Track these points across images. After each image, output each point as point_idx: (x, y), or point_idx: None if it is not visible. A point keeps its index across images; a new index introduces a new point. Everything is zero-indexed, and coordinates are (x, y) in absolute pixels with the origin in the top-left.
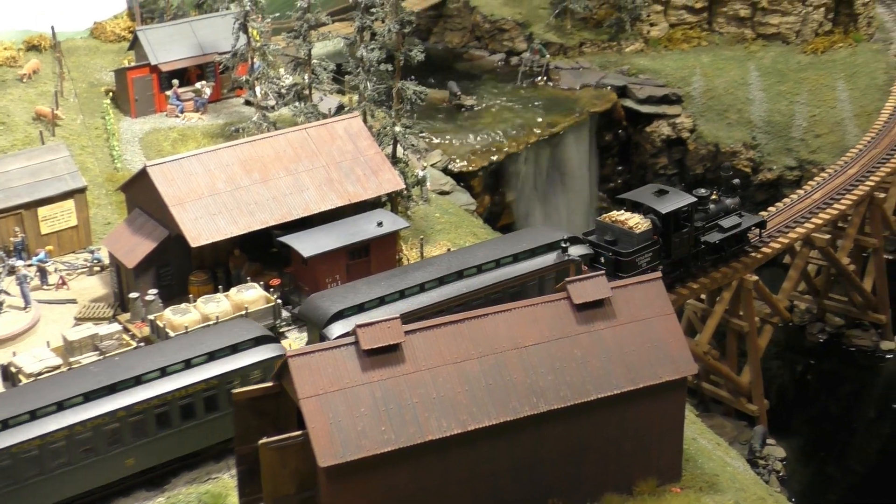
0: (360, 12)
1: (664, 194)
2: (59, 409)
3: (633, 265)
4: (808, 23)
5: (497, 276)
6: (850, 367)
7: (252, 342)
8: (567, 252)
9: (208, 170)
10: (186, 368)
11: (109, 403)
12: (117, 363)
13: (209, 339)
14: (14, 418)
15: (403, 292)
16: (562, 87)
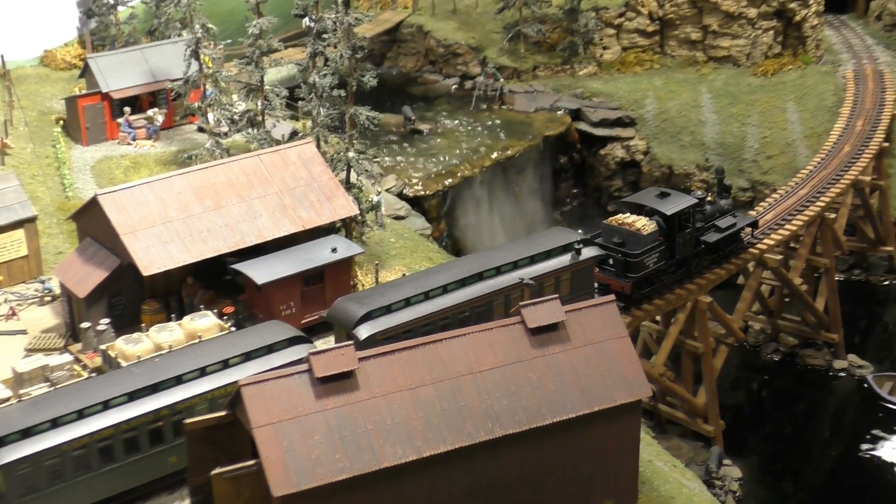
0: (313, 38)
1: (666, 196)
2: (105, 408)
3: (642, 266)
4: (757, 46)
5: (515, 278)
6: (804, 386)
7: (286, 342)
8: (580, 253)
9: (160, 197)
10: (224, 368)
11: (152, 402)
12: (157, 364)
13: (245, 340)
14: (62, 417)
15: (428, 294)
16: (516, 110)
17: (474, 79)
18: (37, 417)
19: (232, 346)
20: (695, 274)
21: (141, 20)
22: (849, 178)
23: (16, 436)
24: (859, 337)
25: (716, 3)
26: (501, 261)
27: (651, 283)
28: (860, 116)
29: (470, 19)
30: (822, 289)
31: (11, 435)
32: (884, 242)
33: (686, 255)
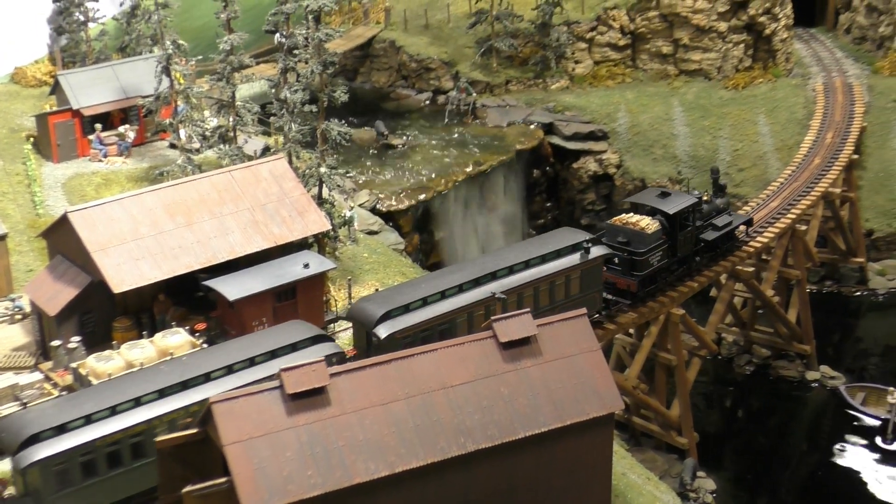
0: (284, 54)
1: (667, 196)
2: (137, 404)
3: (646, 264)
4: (728, 59)
5: (527, 276)
6: (777, 397)
7: (309, 341)
8: (590, 252)
9: (131, 214)
10: (251, 366)
11: (182, 399)
12: (186, 362)
13: (270, 339)
14: (96, 413)
15: (444, 293)
16: (489, 124)
17: (447, 93)
18: (71, 414)
19: (257, 345)
20: (694, 271)
21: (112, 37)
22: (819, 191)
23: (51, 432)
24: (832, 348)
25: (686, 17)
26: (514, 260)
27: (654, 281)
28: (830, 129)
29: (442, 34)
30: (795, 300)
31: (46, 431)
32: (854, 254)
33: (687, 253)
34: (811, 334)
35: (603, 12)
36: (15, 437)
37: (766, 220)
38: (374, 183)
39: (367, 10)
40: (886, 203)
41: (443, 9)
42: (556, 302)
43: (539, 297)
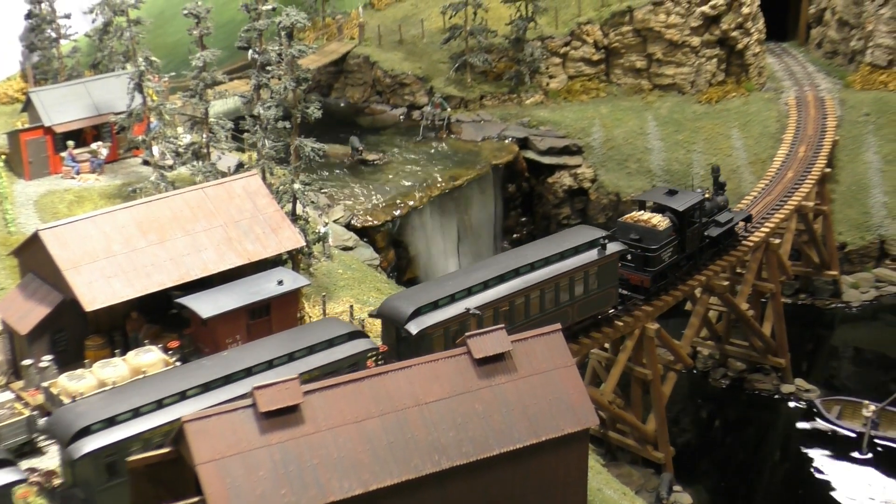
0: (257, 70)
1: (674, 194)
2: (182, 398)
3: (659, 260)
4: (701, 73)
5: (548, 273)
6: (752, 410)
7: (345, 337)
8: (606, 249)
9: (103, 232)
10: (290, 361)
11: (226, 393)
12: (227, 358)
13: (307, 335)
14: (143, 407)
15: (470, 290)
16: (463, 139)
17: (421, 109)
18: (119, 407)
19: (295, 341)
20: (701, 266)
21: (84, 53)
22: (792, 204)
23: (100, 425)
24: (806, 361)
25: (659, 32)
26: (535, 257)
27: (665, 277)
28: (803, 143)
29: (416, 50)
30: (769, 314)
31: (96, 424)
32: (828, 267)
33: (694, 249)
34: (786, 347)
35: (577, 27)
36: (66, 430)
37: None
38: (348, 199)
39: (342, 25)
40: (859, 216)
41: (417, 24)
42: (574, 298)
43: (559, 293)
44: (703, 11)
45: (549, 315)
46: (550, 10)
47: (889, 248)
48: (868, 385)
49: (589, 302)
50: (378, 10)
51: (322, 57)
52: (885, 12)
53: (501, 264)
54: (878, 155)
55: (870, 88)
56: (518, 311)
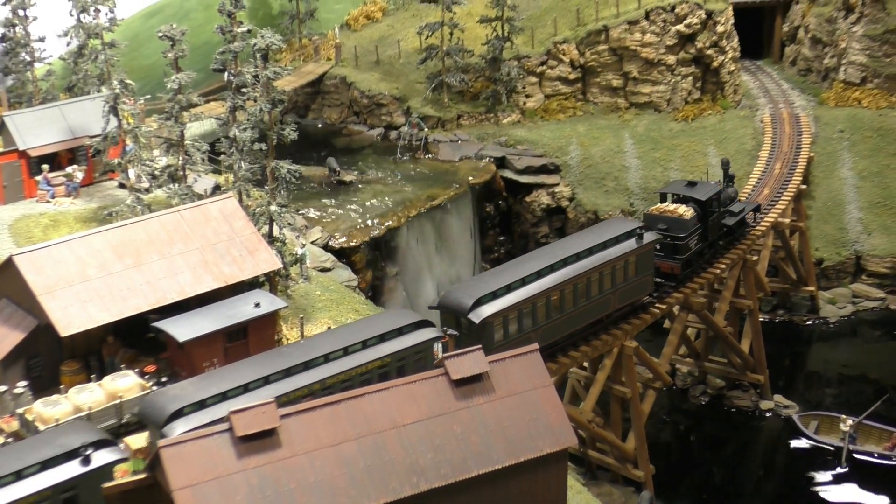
0: (232, 92)
1: (694, 185)
2: (266, 382)
3: (687, 248)
4: (677, 91)
5: (594, 262)
6: (732, 427)
7: (413, 326)
8: (643, 238)
9: (78, 256)
10: (363, 349)
11: (306, 378)
12: (305, 345)
13: (378, 324)
14: (231, 391)
15: (524, 280)
16: (441, 159)
17: (399, 129)
18: (209, 391)
19: (367, 330)
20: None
21: (59, 77)
22: (769, 221)
23: (192, 407)
24: (785, 377)
25: (635, 51)
26: (580, 248)
27: (690, 264)
28: (778, 160)
29: (393, 70)
30: (747, 330)
31: (187, 407)
32: (805, 283)
33: (715, 237)
34: (764, 364)
35: (553, 46)
36: (162, 412)
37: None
38: (326, 220)
39: (318, 46)
40: (835, 232)
41: (393, 45)
42: (616, 286)
43: (603, 281)
44: (678, 30)
45: (595, 303)
46: (526, 29)
47: (865, 263)
48: (846, 400)
49: (629, 290)
50: (354, 30)
51: (299, 78)
52: (858, 30)
53: (550, 255)
54: (852, 171)
55: (844, 105)
56: (567, 300)
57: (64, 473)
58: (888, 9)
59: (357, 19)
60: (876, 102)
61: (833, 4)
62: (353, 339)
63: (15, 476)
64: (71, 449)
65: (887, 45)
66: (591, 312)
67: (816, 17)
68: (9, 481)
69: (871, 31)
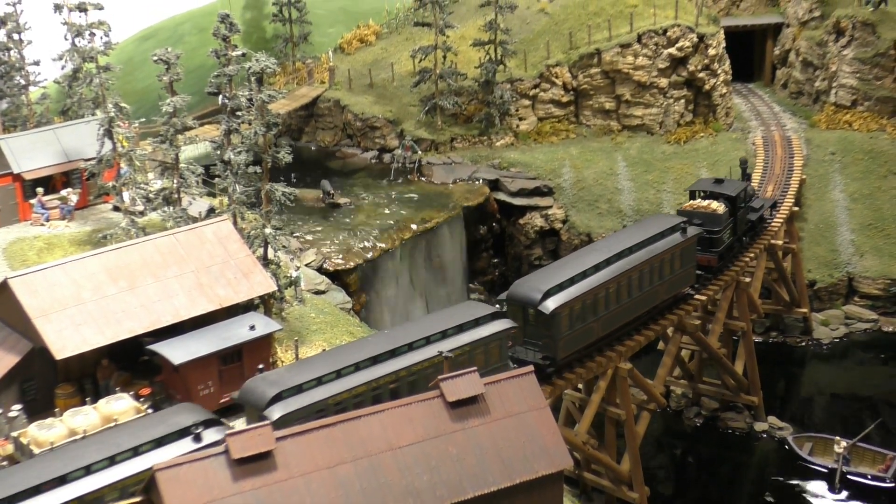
0: (227, 115)
1: (721, 183)
2: (357, 369)
3: (721, 241)
4: (670, 114)
5: (646, 254)
6: (726, 449)
7: (490, 317)
8: (687, 232)
9: (73, 279)
10: (443, 339)
11: (391, 365)
12: (388, 335)
13: (456, 315)
14: (325, 376)
15: (585, 273)
16: (434, 182)
17: (392, 152)
18: (305, 377)
19: (445, 321)
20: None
21: (53, 100)
22: (762, 243)
23: (290, 392)
24: (779, 398)
25: (628, 74)
26: (632, 242)
27: (723, 257)
28: (770, 182)
29: (387, 93)
30: (741, 352)
31: (286, 391)
32: (798, 304)
33: (742, 231)
34: (758, 385)
35: (546, 70)
36: (262, 397)
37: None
38: (320, 242)
39: (312, 70)
40: (827, 254)
41: (387, 68)
42: (664, 278)
43: (653, 273)
44: (671, 53)
45: (646, 294)
46: (519, 53)
47: (857, 285)
48: (840, 421)
49: (675, 281)
50: (348, 54)
51: (292, 101)
52: (848, 53)
53: (606, 249)
54: (844, 193)
55: (835, 128)
56: (623, 291)
57: (177, 450)
58: (878, 32)
59: (350, 43)
60: (867, 125)
61: (824, 28)
62: (434, 329)
63: (132, 452)
64: (183, 427)
65: (877, 68)
66: (643, 303)
67: (807, 41)
68: (127, 457)
69: (862, 54)
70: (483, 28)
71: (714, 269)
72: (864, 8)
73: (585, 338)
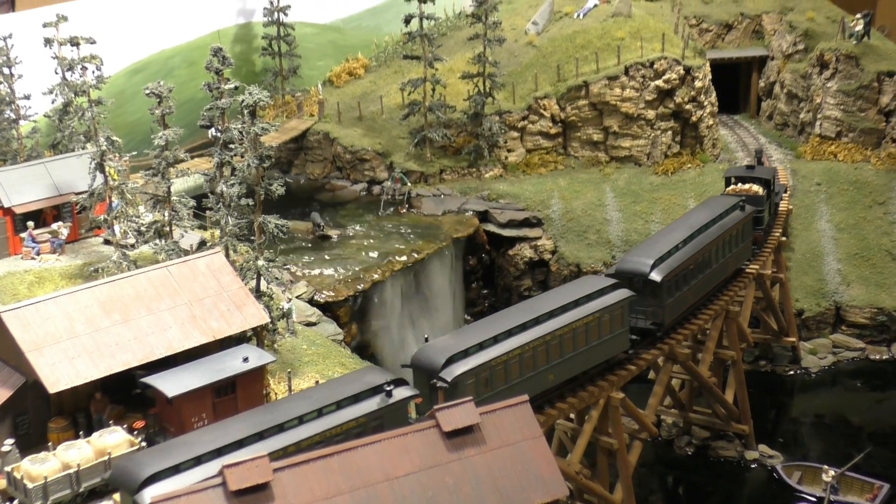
0: (219, 148)
1: (753, 168)
2: (509, 336)
3: (762, 220)
4: (657, 145)
5: (719, 228)
6: (717, 478)
7: (611, 288)
8: (745, 209)
9: (66, 312)
10: (576, 307)
11: (535, 332)
12: (522, 307)
13: (581, 289)
14: (487, 341)
15: (686, 243)
16: (424, 214)
17: (382, 184)
18: (469, 342)
19: (564, 296)
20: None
21: (43, 134)
22: (750, 272)
23: (460, 355)
24: (769, 427)
25: (615, 106)
26: (710, 217)
27: (766, 234)
28: None
29: (376, 125)
30: (731, 381)
31: (457, 354)
32: (787, 333)
33: (773, 211)
34: (748, 414)
35: (534, 102)
36: (434, 363)
37: (701, 302)
38: (311, 274)
39: (301, 103)
40: (815, 283)
41: (376, 101)
42: (733, 249)
43: (729, 244)
44: (657, 85)
45: (723, 263)
46: (508, 85)
47: (845, 314)
48: (830, 449)
49: (740, 253)
50: (337, 87)
51: (282, 134)
52: (833, 85)
53: (686, 226)
54: (830, 223)
55: (820, 159)
56: (711, 259)
57: (373, 405)
58: (861, 65)
59: (339, 76)
60: (851, 156)
61: (808, 61)
62: (565, 301)
63: (336, 406)
64: (376, 385)
65: (861, 100)
66: (721, 273)
67: (792, 73)
68: (331, 410)
69: (846, 86)
70: (471, 61)
71: (760, 244)
72: (847, 41)
73: (683, 304)
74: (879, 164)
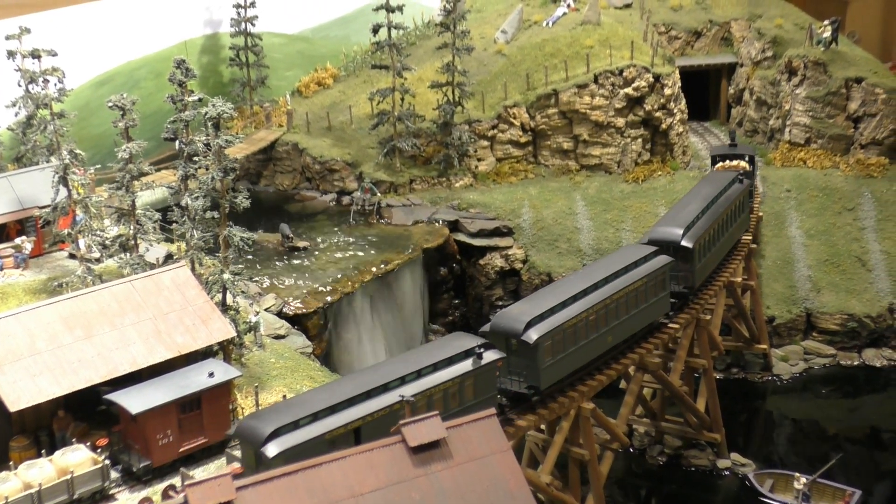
0: (184, 161)
1: (736, 146)
2: (573, 301)
3: (753, 193)
4: (627, 153)
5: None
6: (690, 487)
7: (653, 255)
8: (743, 182)
9: (28, 329)
10: (627, 272)
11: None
12: (580, 275)
13: (627, 256)
14: (570, 299)
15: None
16: (394, 224)
17: (351, 194)
18: (543, 307)
19: (622, 261)
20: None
21: (6, 147)
22: (721, 280)
23: (537, 319)
24: (741, 435)
25: (585, 114)
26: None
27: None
28: None
29: (345, 136)
30: (702, 389)
31: (534, 319)
32: (758, 341)
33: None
34: (720, 422)
35: (503, 111)
36: (515, 325)
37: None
38: (279, 286)
39: (269, 113)
40: (785, 290)
41: (345, 111)
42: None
43: (734, 214)
44: (627, 93)
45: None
46: (477, 94)
47: (815, 320)
48: (802, 456)
49: (742, 223)
50: (306, 97)
51: (250, 145)
52: (801, 92)
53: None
54: (800, 230)
55: (790, 165)
56: (720, 230)
57: (465, 367)
58: (829, 72)
59: (308, 86)
60: (820, 162)
61: (776, 68)
62: (617, 268)
63: (432, 368)
64: (468, 349)
65: (829, 106)
66: (731, 240)
67: (761, 80)
68: (428, 371)
69: (814, 93)
70: (440, 70)
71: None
72: (815, 48)
73: (707, 269)
74: (848, 170)
